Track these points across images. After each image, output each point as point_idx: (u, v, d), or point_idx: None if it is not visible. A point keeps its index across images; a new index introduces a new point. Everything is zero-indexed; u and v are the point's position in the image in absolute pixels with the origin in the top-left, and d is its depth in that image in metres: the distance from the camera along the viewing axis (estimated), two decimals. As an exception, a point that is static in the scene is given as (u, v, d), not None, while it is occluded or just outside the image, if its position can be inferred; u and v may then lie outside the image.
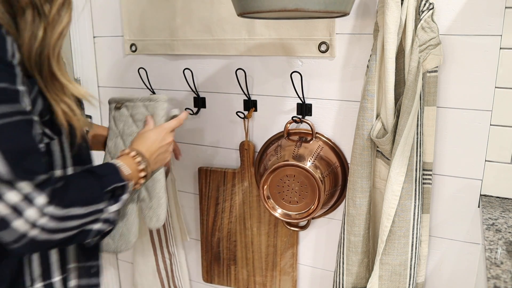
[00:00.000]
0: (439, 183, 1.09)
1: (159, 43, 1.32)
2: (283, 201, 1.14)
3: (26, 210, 0.59)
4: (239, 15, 0.86)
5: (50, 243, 0.65)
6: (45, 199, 0.61)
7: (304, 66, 1.16)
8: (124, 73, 1.44)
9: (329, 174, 1.13)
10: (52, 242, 0.65)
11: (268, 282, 1.35)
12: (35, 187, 0.60)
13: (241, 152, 1.30)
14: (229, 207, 1.34)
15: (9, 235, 0.60)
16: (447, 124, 1.05)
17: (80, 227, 0.69)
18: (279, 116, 1.23)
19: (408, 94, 0.94)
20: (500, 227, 0.90)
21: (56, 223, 0.63)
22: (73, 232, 0.68)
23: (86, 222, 0.69)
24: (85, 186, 0.71)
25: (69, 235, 0.67)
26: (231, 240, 1.36)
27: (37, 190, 0.60)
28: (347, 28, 1.08)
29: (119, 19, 1.39)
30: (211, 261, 1.42)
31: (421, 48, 0.93)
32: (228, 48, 1.23)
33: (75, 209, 0.66)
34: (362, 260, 1.09)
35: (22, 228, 0.59)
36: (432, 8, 0.93)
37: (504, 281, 0.71)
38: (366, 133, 1.01)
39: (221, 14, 1.20)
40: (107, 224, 0.75)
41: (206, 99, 1.32)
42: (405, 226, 1.00)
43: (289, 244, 1.30)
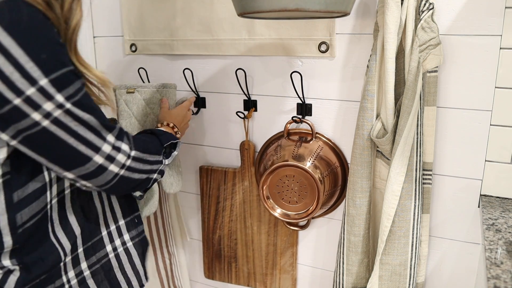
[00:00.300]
0: (439, 183, 1.09)
1: (159, 43, 1.32)
2: (283, 201, 1.15)
3: (117, 155, 0.76)
4: (239, 15, 0.86)
5: (130, 182, 0.81)
6: (128, 145, 0.79)
7: (304, 66, 1.16)
8: (124, 73, 1.44)
9: (329, 174, 1.13)
10: (131, 182, 0.81)
11: (268, 280, 1.35)
12: (116, 138, 0.76)
13: (242, 151, 1.30)
14: (229, 206, 1.34)
15: (106, 177, 0.76)
16: (447, 124, 1.05)
17: (149, 172, 0.86)
18: (279, 116, 1.23)
19: (408, 94, 0.94)
20: (500, 227, 0.90)
21: (136, 163, 0.81)
22: (143, 176, 0.84)
23: (152, 170, 0.87)
24: (150, 140, 0.90)
25: (141, 178, 0.84)
26: (232, 238, 1.37)
27: (118, 140, 0.77)
28: (347, 28, 1.08)
29: (119, 19, 1.39)
30: (212, 258, 1.43)
31: (421, 48, 0.93)
32: (228, 48, 1.23)
33: (147, 156, 0.84)
34: (362, 260, 1.09)
35: (115, 169, 0.77)
36: (432, 8, 0.93)
37: (504, 281, 0.71)
38: (366, 133, 1.01)
39: (221, 14, 1.20)
40: (160, 175, 0.91)
41: (206, 99, 1.32)
42: (405, 226, 1.00)
43: (289, 244, 1.30)
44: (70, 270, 0.84)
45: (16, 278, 0.74)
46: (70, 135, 0.69)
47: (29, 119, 0.65)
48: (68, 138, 0.69)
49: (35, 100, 0.64)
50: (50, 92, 0.65)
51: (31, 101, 0.64)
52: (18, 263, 0.75)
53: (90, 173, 0.74)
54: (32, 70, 0.63)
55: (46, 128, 0.66)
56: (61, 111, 0.67)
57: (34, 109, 0.64)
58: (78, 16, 0.72)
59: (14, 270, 0.74)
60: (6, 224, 0.72)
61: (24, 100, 0.63)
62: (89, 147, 0.71)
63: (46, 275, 0.79)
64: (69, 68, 0.68)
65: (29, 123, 0.65)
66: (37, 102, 0.64)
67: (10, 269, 0.74)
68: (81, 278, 0.86)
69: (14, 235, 0.73)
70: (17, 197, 0.72)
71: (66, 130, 0.68)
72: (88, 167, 0.73)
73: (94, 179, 0.75)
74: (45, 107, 0.65)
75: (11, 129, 0.66)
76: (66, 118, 0.67)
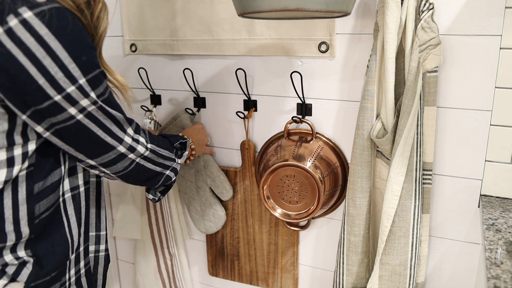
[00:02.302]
0: (439, 183, 1.09)
1: (159, 43, 1.32)
2: (283, 201, 1.15)
3: (137, 147, 0.85)
4: (239, 15, 0.86)
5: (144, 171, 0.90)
6: (145, 138, 0.88)
7: (304, 66, 1.16)
8: (124, 73, 1.44)
9: (329, 174, 1.13)
10: (145, 170, 0.90)
11: (270, 279, 1.36)
12: (134, 131, 0.85)
13: (242, 151, 1.30)
14: (231, 205, 1.35)
15: (124, 164, 0.84)
16: (447, 124, 1.05)
17: (162, 166, 0.94)
18: (279, 116, 1.23)
19: (408, 94, 0.94)
20: (500, 227, 0.90)
21: (152, 155, 0.90)
22: (157, 169, 0.93)
23: (166, 165, 0.95)
24: (162, 139, 0.98)
25: (155, 170, 0.92)
26: (234, 236, 1.37)
27: (136, 133, 0.85)
28: (347, 28, 1.08)
29: (119, 19, 1.39)
30: (215, 255, 1.43)
31: (421, 48, 0.93)
32: (228, 48, 1.23)
33: (162, 150, 0.93)
34: (362, 260, 1.09)
35: (134, 157, 0.85)
36: (432, 8, 0.93)
37: (504, 281, 0.71)
38: (366, 133, 1.01)
39: (221, 14, 1.20)
40: (173, 173, 0.99)
41: (206, 99, 1.32)
42: (405, 226, 1.00)
43: (289, 243, 1.30)
44: (72, 268, 0.88)
45: (29, 271, 0.78)
46: (99, 127, 0.77)
47: (66, 113, 0.71)
48: (97, 130, 0.77)
49: (74, 97, 0.71)
50: (87, 90, 0.72)
51: (70, 97, 0.71)
52: (32, 254, 0.79)
53: (111, 160, 0.82)
54: (74, 71, 0.70)
55: (80, 121, 0.74)
56: (94, 107, 0.74)
57: (71, 104, 0.71)
58: (105, 24, 0.80)
59: (27, 263, 0.78)
60: (25, 214, 0.76)
61: (64, 97, 0.70)
62: (114, 138, 0.80)
63: (56, 273, 0.83)
64: (101, 69, 0.76)
65: (65, 117, 0.72)
66: (75, 99, 0.71)
67: (25, 260, 0.78)
68: (78, 276, 0.90)
69: (31, 225, 0.77)
70: (37, 188, 0.77)
71: (97, 123, 0.76)
72: (110, 155, 0.81)
73: (114, 166, 0.84)
74: (82, 103, 0.72)
75: (46, 122, 0.72)
76: (98, 112, 0.75)
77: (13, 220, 0.75)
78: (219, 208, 1.34)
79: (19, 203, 0.75)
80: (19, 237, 0.76)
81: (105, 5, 0.80)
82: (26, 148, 0.74)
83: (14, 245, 0.77)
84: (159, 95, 1.39)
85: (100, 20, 0.78)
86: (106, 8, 0.80)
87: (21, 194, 0.75)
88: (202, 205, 1.35)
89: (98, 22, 0.78)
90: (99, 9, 0.78)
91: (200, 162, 1.31)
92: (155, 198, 1.04)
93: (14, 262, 0.77)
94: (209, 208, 1.34)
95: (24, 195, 0.75)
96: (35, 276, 0.79)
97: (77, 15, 0.71)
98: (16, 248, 0.77)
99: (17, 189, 0.75)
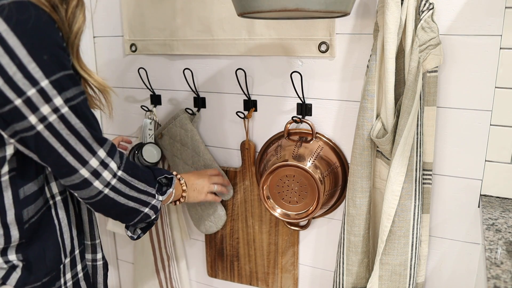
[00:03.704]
0: (439, 183, 1.09)
1: (159, 43, 1.32)
2: (283, 201, 1.15)
3: (103, 172, 0.75)
4: (239, 15, 0.86)
5: (115, 205, 0.80)
6: (116, 164, 0.77)
7: (304, 66, 1.16)
8: (124, 73, 1.44)
9: (329, 174, 1.13)
10: (116, 204, 0.80)
11: (270, 279, 1.36)
12: (107, 153, 0.75)
13: (242, 151, 1.30)
14: (231, 205, 1.34)
15: (90, 192, 0.75)
16: (447, 124, 1.05)
17: (137, 201, 0.84)
18: (279, 116, 1.23)
19: (408, 94, 0.94)
20: (500, 227, 0.90)
21: (122, 185, 0.79)
22: (130, 204, 0.82)
23: (142, 200, 0.85)
24: (143, 169, 0.88)
25: (127, 205, 0.82)
26: (234, 237, 1.37)
27: (109, 156, 0.76)
28: (347, 28, 1.08)
29: (119, 19, 1.39)
30: (215, 256, 1.43)
31: (421, 48, 0.93)
32: (228, 48, 1.23)
33: (135, 181, 0.82)
34: (362, 260, 1.09)
35: (100, 186, 0.76)
36: (432, 8, 0.93)
37: (504, 281, 0.71)
38: (366, 133, 1.01)
39: (221, 14, 1.20)
40: (153, 211, 0.89)
41: (206, 99, 1.32)
42: (405, 226, 1.00)
43: (290, 243, 1.30)
44: (68, 272, 0.85)
45: (18, 276, 0.76)
46: (61, 144, 0.69)
47: (26, 121, 0.66)
48: (59, 146, 0.69)
49: (34, 101, 0.65)
50: (50, 94, 0.66)
51: (30, 102, 0.65)
52: (22, 258, 0.76)
53: (75, 185, 0.74)
54: (34, 71, 0.64)
55: (40, 133, 0.67)
56: (56, 116, 0.67)
57: (32, 111, 0.65)
58: (80, 21, 0.73)
59: (17, 267, 0.76)
60: (13, 219, 0.74)
61: (24, 101, 0.64)
62: (76, 159, 0.71)
63: (48, 279, 0.80)
64: (69, 72, 0.69)
65: (25, 126, 0.66)
66: (36, 104, 0.65)
67: (14, 264, 0.76)
68: (75, 280, 0.87)
69: (21, 229, 0.75)
70: (23, 193, 0.74)
71: (58, 138, 0.68)
72: (73, 179, 0.73)
73: (79, 191, 0.76)
74: (42, 110, 0.66)
75: (10, 128, 0.67)
76: (59, 124, 0.68)
77: (2, 224, 0.73)
78: (219, 208, 1.34)
79: (6, 208, 0.72)
80: (8, 241, 0.74)
81: (82, 1, 0.74)
82: (4, 152, 0.70)
83: (4, 249, 0.75)
84: (159, 95, 1.39)
85: (76, 16, 0.72)
86: (83, 4, 0.74)
87: (7, 199, 0.72)
88: (202, 205, 1.35)
89: (73, 18, 0.72)
90: (74, 5, 0.72)
91: (200, 161, 1.31)
92: (134, 236, 0.94)
93: (3, 266, 0.75)
94: (209, 208, 1.34)
95: (10, 200, 0.73)
96: (23, 281, 0.76)
97: (45, 10, 0.66)
98: (7, 252, 0.75)
99: (2, 194, 0.72)
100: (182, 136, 1.31)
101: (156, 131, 1.36)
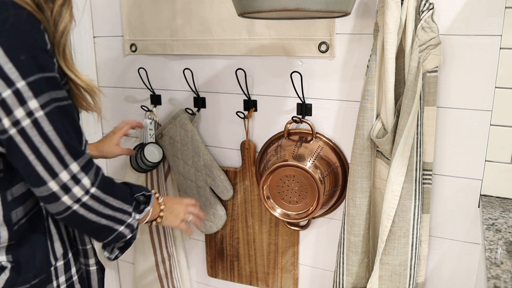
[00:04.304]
0: (439, 183, 1.09)
1: (159, 43, 1.32)
2: (283, 201, 1.15)
3: (73, 188, 0.70)
4: (239, 15, 0.86)
5: (84, 221, 0.74)
6: (90, 180, 0.72)
7: (304, 66, 1.16)
8: (124, 73, 1.44)
9: (329, 174, 1.13)
10: (86, 221, 0.74)
11: (270, 279, 1.36)
12: (81, 168, 0.71)
13: (242, 151, 1.30)
14: (231, 205, 1.34)
15: (58, 207, 0.70)
16: (447, 124, 1.05)
17: (111, 219, 0.78)
18: (279, 116, 1.23)
19: (408, 94, 0.94)
20: (500, 227, 0.90)
21: (95, 203, 0.74)
22: (102, 222, 0.77)
23: (116, 218, 0.79)
24: (120, 186, 0.83)
25: (99, 223, 0.76)
26: (234, 237, 1.37)
27: (83, 171, 0.71)
28: (347, 28, 1.08)
29: (119, 19, 1.39)
30: (215, 256, 1.43)
31: (421, 48, 0.93)
32: (228, 48, 1.23)
33: (110, 199, 0.77)
34: (362, 260, 1.09)
35: (68, 202, 0.70)
36: (432, 8, 0.93)
37: (504, 281, 0.71)
38: (366, 133, 1.01)
39: (221, 14, 1.20)
40: (129, 230, 0.83)
41: (206, 99, 1.32)
42: (405, 226, 1.00)
43: (290, 243, 1.30)
44: (62, 275, 0.83)
45: (6, 277, 0.75)
46: (32, 151, 0.66)
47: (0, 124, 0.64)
48: (29, 154, 0.66)
49: (9, 103, 0.63)
50: (25, 96, 0.63)
51: (4, 104, 0.63)
52: (12, 260, 0.75)
53: (43, 197, 0.70)
54: (10, 72, 0.62)
55: (12, 137, 0.65)
56: (29, 120, 0.64)
57: (6, 113, 0.63)
58: (66, 20, 0.71)
59: (6, 268, 0.75)
60: (2, 220, 0.73)
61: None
62: (46, 170, 0.67)
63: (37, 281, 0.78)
64: (48, 74, 0.66)
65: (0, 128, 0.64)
66: (10, 107, 0.63)
67: (3, 265, 0.75)
68: (70, 283, 0.85)
69: (10, 231, 0.74)
70: (10, 195, 0.73)
71: (29, 145, 0.65)
72: (41, 191, 0.69)
73: (47, 204, 0.71)
74: (16, 114, 0.63)
75: None
76: (32, 130, 0.65)
77: None
78: (219, 207, 1.34)
79: None
80: None
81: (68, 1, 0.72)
82: None
83: None
84: (159, 95, 1.39)
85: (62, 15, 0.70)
86: (70, 3, 0.72)
87: None
88: (202, 205, 1.35)
89: (59, 17, 0.70)
90: (59, 3, 0.70)
91: (200, 161, 1.31)
92: (111, 256, 0.88)
93: None
94: (210, 207, 1.34)
95: None
96: (11, 283, 0.75)
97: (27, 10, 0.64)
98: None
99: None
100: (182, 136, 1.31)
101: (156, 131, 1.36)
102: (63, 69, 0.72)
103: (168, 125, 1.34)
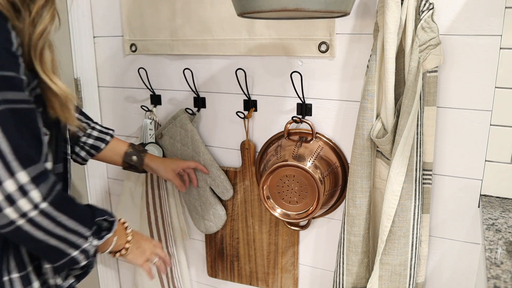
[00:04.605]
0: (439, 183, 1.09)
1: (159, 43, 1.32)
2: (283, 201, 1.15)
3: (19, 200, 0.62)
4: (239, 15, 0.86)
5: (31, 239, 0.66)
6: (41, 194, 0.64)
7: (304, 66, 1.16)
8: (124, 73, 1.44)
9: (329, 174, 1.13)
10: (33, 239, 0.66)
11: (270, 279, 1.36)
12: (31, 178, 0.63)
13: (242, 151, 1.30)
14: (231, 205, 1.34)
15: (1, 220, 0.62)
16: (447, 124, 1.05)
17: (63, 241, 0.70)
18: (279, 116, 1.23)
19: (408, 94, 0.94)
20: (500, 227, 0.90)
21: (44, 220, 0.66)
22: (51, 242, 0.69)
23: (69, 241, 0.71)
24: (80, 206, 0.75)
25: (47, 243, 0.68)
26: (234, 237, 1.37)
27: (33, 182, 0.63)
28: (347, 28, 1.08)
29: (119, 19, 1.39)
30: (215, 256, 1.43)
31: (421, 48, 0.93)
32: (228, 48, 1.23)
33: (65, 219, 0.69)
34: (362, 260, 1.09)
35: (12, 216, 0.62)
36: (432, 8, 0.93)
37: (504, 281, 0.71)
38: (366, 133, 1.01)
39: (221, 14, 1.20)
40: (83, 256, 0.74)
41: (206, 99, 1.32)
42: (405, 226, 1.00)
43: (290, 243, 1.30)
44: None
45: None
46: None
47: None
48: None
49: None
50: None
51: None
52: None
53: None
54: None
55: None
56: None
57: None
58: (46, 22, 0.68)
59: None
60: None
61: None
62: None
63: None
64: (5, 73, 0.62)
65: None
66: None
67: None
68: None
69: None
70: None
71: None
72: None
73: None
74: None
75: None
76: None
77: None
78: (219, 207, 1.34)
79: None
80: None
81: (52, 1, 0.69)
82: None
83: None
84: (159, 95, 1.39)
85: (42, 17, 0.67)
86: (52, 4, 0.69)
87: None
88: (202, 205, 1.35)
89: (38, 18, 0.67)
90: (40, 4, 0.67)
91: (200, 161, 1.31)
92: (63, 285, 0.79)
93: None
94: (210, 207, 1.34)
95: None
96: None
97: None
98: None
99: None
100: (182, 136, 1.31)
101: (156, 131, 1.36)
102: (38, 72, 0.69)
103: (168, 125, 1.34)
